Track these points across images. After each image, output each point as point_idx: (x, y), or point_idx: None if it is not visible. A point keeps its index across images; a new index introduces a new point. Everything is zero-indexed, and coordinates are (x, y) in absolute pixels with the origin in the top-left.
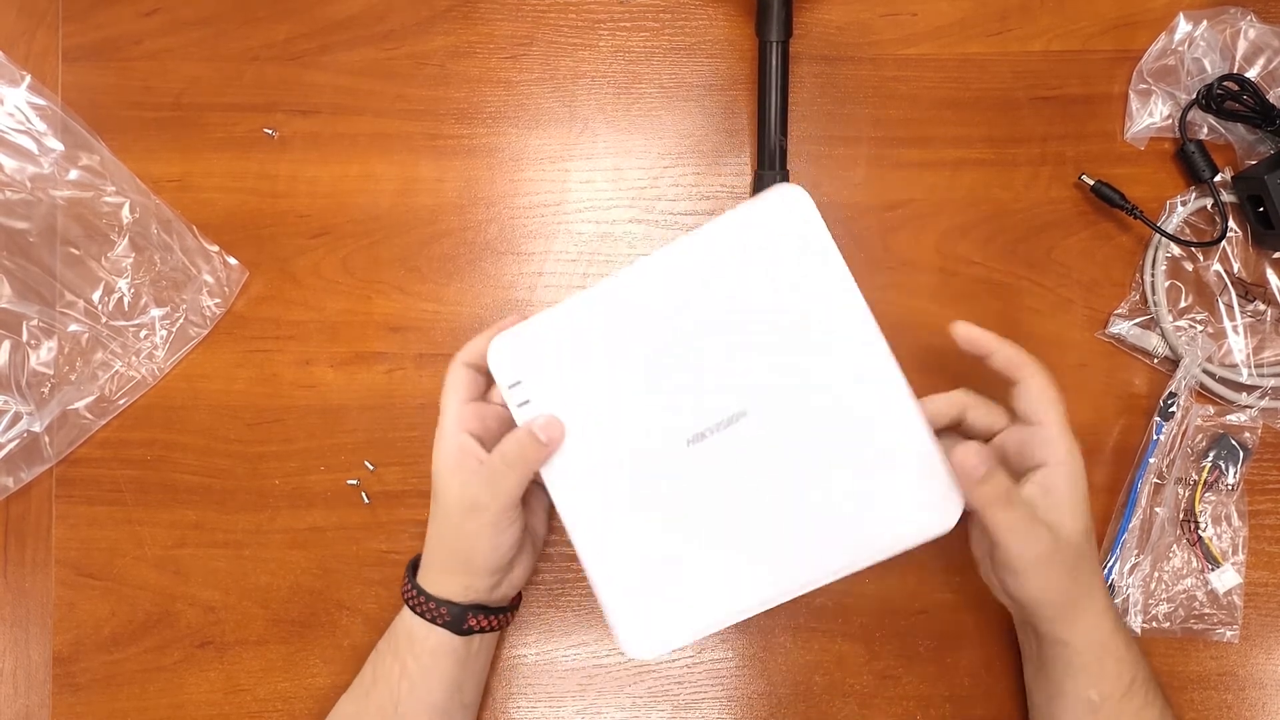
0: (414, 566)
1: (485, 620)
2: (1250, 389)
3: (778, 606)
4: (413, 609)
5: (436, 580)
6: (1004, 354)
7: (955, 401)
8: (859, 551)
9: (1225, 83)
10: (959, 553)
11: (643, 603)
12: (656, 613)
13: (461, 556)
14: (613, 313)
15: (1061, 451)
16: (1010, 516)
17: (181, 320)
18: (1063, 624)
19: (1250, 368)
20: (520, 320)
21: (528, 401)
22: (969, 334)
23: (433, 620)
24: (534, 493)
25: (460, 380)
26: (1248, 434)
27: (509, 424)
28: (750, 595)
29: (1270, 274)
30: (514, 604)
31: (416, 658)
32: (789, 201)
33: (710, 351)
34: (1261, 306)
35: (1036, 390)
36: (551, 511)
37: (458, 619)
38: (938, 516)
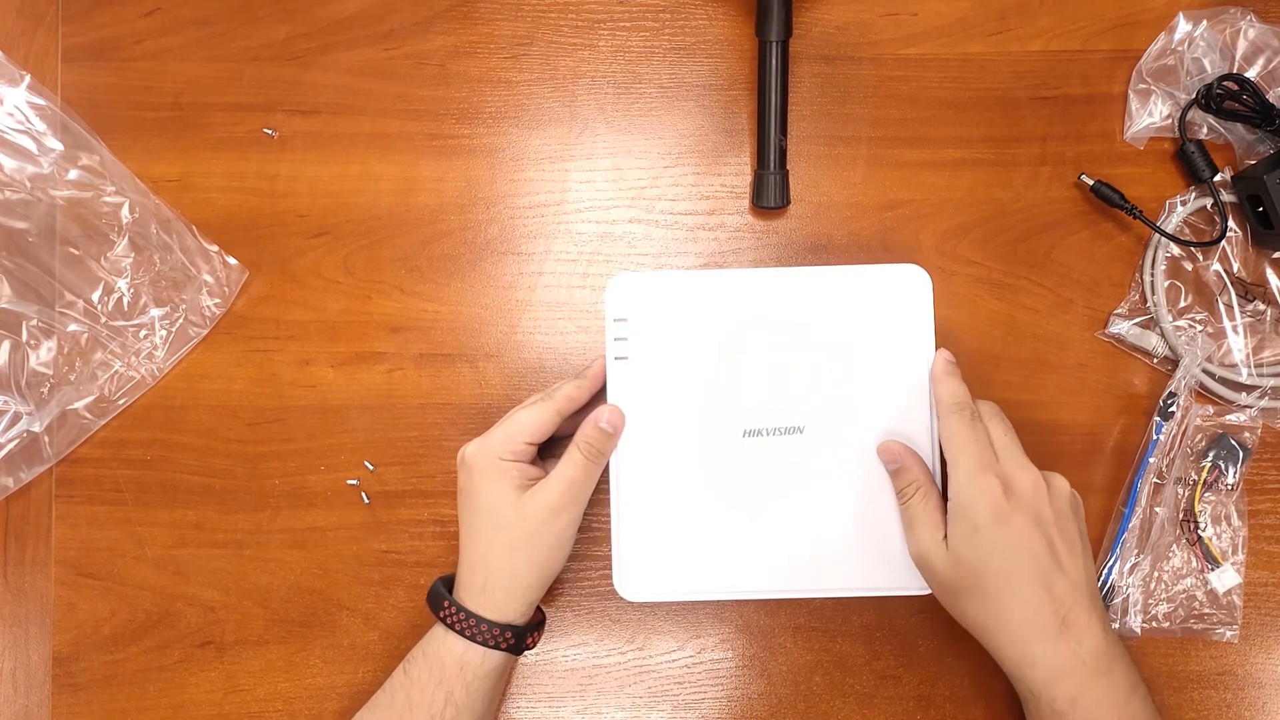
0: (440, 593)
1: (537, 634)
2: (1250, 389)
3: (778, 607)
4: (470, 637)
5: (498, 605)
6: (935, 391)
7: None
8: (847, 580)
9: (1225, 82)
10: None
11: (648, 554)
12: (656, 566)
13: (537, 570)
14: (728, 299)
15: (953, 489)
16: (901, 508)
17: (181, 320)
18: (988, 646)
19: (1250, 367)
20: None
21: (625, 339)
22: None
23: (495, 645)
24: None
25: (537, 422)
26: (1247, 434)
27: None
28: (740, 582)
29: (1270, 274)
30: (541, 611)
31: (467, 684)
32: (915, 278)
33: (795, 368)
34: (1261, 306)
35: (941, 431)
36: None
37: (520, 640)
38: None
